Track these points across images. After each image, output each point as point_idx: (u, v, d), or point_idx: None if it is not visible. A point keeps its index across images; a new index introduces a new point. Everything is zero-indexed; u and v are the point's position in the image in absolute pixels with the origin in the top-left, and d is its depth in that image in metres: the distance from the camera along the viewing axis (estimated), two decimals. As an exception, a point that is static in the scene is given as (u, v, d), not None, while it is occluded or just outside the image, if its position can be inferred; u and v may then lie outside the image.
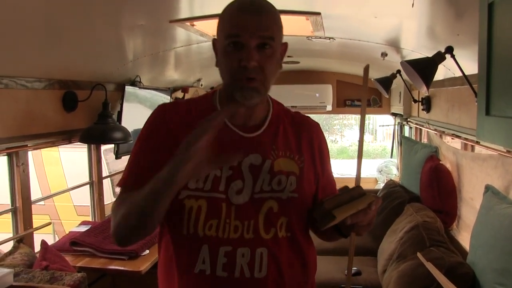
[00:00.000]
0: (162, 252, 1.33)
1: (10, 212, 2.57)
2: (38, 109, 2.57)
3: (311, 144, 1.36)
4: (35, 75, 2.48)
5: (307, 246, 1.36)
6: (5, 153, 2.46)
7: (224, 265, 1.22)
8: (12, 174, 2.54)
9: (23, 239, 2.54)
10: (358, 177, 1.26)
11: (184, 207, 1.23)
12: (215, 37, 1.28)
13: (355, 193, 1.17)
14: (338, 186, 1.29)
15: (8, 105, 2.31)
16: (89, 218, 3.46)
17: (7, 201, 2.61)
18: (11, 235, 2.60)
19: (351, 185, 1.22)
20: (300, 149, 1.33)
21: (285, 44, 1.31)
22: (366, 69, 1.22)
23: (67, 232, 3.19)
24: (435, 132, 3.72)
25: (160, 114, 1.33)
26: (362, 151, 1.26)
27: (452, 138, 3.30)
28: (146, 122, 1.34)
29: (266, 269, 1.23)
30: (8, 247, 2.56)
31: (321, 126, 1.44)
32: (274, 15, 1.23)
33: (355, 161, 1.27)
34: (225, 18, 1.23)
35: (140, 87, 3.58)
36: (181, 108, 1.35)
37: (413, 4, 1.82)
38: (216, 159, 1.08)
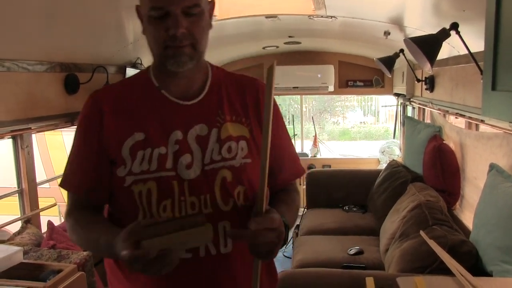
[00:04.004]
0: None
1: (17, 194, 2.61)
2: (40, 92, 2.56)
3: (257, 104, 1.29)
4: (36, 58, 2.47)
5: None
6: (9, 136, 2.49)
7: None
8: (18, 156, 2.58)
9: (30, 220, 2.59)
10: (260, 202, 1.08)
11: (133, 193, 1.17)
12: (138, 4, 1.21)
13: (187, 223, 1.01)
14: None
15: (10, 88, 2.31)
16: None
17: (14, 184, 2.64)
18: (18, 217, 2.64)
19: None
20: (247, 111, 1.27)
21: (213, 2, 1.24)
22: (271, 69, 1.04)
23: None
24: (439, 112, 3.71)
25: (92, 105, 1.25)
26: (266, 174, 1.07)
27: (456, 117, 3.28)
28: (80, 114, 1.27)
29: (231, 242, 1.20)
30: (16, 228, 2.61)
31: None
32: None
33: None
34: None
35: (141, 69, 3.56)
36: (114, 89, 1.31)
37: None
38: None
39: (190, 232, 0.99)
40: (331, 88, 5.58)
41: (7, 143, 2.67)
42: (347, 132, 14.57)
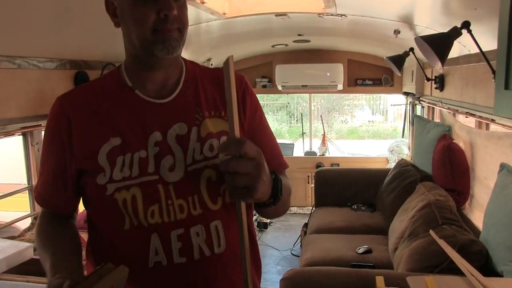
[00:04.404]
0: (95, 248, 1.23)
1: (27, 191, 2.63)
2: (50, 89, 2.57)
3: (241, 100, 1.22)
4: (46, 55, 2.48)
5: (250, 210, 1.22)
6: (20, 133, 2.50)
7: (180, 250, 1.12)
8: (28, 153, 2.59)
9: (40, 216, 2.61)
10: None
11: (116, 201, 1.11)
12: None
13: (103, 271, 0.98)
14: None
15: (21, 85, 2.32)
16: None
17: (23, 180, 2.66)
18: (28, 213, 2.66)
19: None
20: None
21: None
22: (226, 63, 0.96)
23: (80, 211, 3.23)
24: (448, 111, 3.69)
25: (57, 110, 1.18)
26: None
27: (466, 117, 3.26)
28: (47, 120, 1.20)
29: (224, 241, 1.15)
30: (25, 224, 2.63)
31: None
32: None
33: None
34: None
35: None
36: (82, 93, 1.22)
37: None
38: None
39: (110, 276, 0.97)
40: (340, 87, 5.57)
41: (17, 139, 2.69)
42: (355, 130, 14.53)
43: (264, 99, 10.74)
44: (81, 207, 1.27)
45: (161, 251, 1.11)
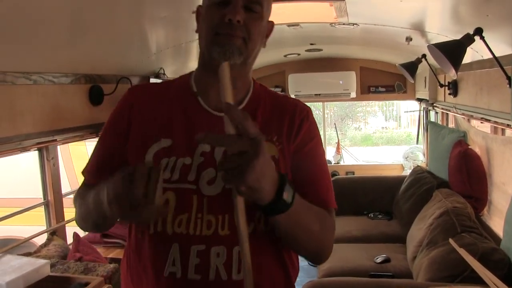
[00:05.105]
0: (128, 251, 1.21)
1: (43, 206, 2.64)
2: (66, 104, 2.60)
3: (292, 126, 1.18)
4: (62, 71, 2.51)
5: None
6: (36, 148, 2.52)
7: (196, 266, 1.07)
8: (43, 168, 2.60)
9: (56, 232, 2.62)
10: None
11: None
12: (200, 5, 1.17)
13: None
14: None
15: (37, 100, 2.35)
16: (118, 211, 3.51)
17: (38, 194, 2.67)
18: (43, 227, 2.67)
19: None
20: (281, 131, 1.17)
21: (272, 23, 1.22)
22: (222, 70, 0.95)
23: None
24: (463, 117, 3.65)
25: (127, 97, 1.22)
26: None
27: (482, 122, 3.23)
28: (116, 106, 1.23)
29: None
30: (41, 239, 2.63)
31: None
32: None
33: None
34: None
35: (164, 79, 3.60)
36: (151, 88, 1.26)
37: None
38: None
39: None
40: (353, 95, 5.55)
41: (33, 154, 2.70)
42: (369, 137, 14.47)
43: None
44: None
45: (178, 263, 1.08)
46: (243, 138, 0.89)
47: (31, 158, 3.46)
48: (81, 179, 1.29)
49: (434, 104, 4.57)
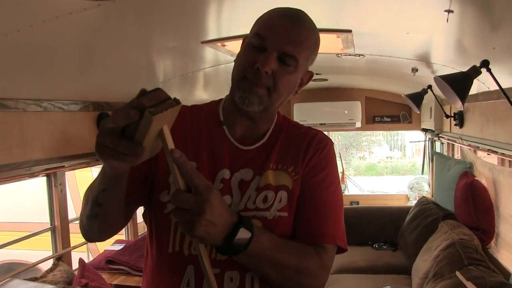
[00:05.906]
0: (146, 269, 1.23)
1: (49, 231, 2.65)
2: (74, 131, 2.62)
3: (306, 154, 1.20)
4: (71, 98, 2.55)
5: None
6: (44, 174, 2.53)
7: None
8: (51, 194, 2.63)
9: (62, 257, 2.62)
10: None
11: (170, 222, 1.13)
12: (247, 35, 1.18)
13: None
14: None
15: (47, 127, 2.38)
16: (123, 237, 3.50)
17: (44, 219, 2.68)
18: (49, 252, 2.68)
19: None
20: (297, 161, 1.19)
21: (310, 74, 1.24)
22: (161, 133, 0.95)
23: (101, 250, 3.25)
24: (469, 148, 3.65)
25: None
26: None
27: (488, 154, 3.23)
28: None
29: None
30: (47, 265, 2.64)
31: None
32: (310, 35, 1.14)
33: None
34: (264, 17, 1.15)
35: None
36: (184, 112, 1.22)
37: (447, 19, 1.80)
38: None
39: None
40: (358, 124, 5.56)
41: (41, 180, 2.72)
42: (374, 167, 14.44)
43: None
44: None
45: (192, 284, 1.11)
46: (189, 196, 0.93)
47: (37, 182, 3.47)
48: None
49: (440, 135, 4.57)
